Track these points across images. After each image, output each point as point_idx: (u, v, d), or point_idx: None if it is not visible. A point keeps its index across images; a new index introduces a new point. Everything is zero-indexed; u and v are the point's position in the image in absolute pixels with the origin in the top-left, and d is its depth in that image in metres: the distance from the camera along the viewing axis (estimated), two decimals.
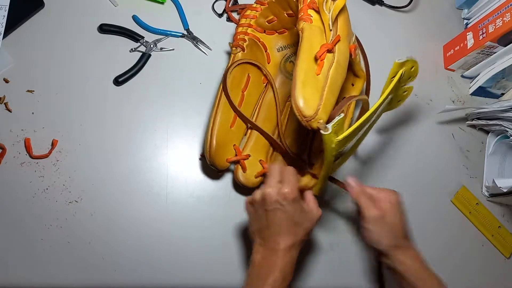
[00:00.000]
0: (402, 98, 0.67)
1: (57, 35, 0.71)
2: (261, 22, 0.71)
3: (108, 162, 0.67)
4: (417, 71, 0.61)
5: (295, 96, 0.50)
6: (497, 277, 0.78)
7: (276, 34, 0.74)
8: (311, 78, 0.53)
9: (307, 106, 0.50)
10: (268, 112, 0.71)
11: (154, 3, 0.76)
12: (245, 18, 0.70)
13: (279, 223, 0.53)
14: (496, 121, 0.79)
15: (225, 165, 0.64)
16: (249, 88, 0.70)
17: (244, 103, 0.69)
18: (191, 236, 0.66)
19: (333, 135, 0.49)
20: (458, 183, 0.80)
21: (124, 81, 0.70)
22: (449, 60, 0.86)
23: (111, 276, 0.63)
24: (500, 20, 0.75)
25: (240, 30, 0.70)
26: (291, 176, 0.56)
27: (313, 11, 0.59)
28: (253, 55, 0.71)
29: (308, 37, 0.56)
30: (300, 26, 0.58)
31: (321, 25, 0.58)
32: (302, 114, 0.50)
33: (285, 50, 0.74)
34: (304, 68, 0.53)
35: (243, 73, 0.69)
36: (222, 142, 0.64)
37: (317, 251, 0.70)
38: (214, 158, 0.62)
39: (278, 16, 0.70)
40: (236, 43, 0.69)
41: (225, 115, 0.65)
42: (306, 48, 0.55)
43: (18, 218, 0.62)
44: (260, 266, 0.54)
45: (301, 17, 0.58)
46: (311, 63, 0.54)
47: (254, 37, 0.70)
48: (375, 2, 0.88)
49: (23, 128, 0.66)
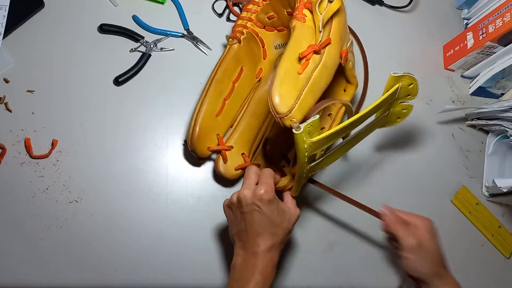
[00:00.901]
0: (402, 116, 0.66)
1: (57, 35, 0.71)
2: (262, 18, 0.71)
3: (108, 162, 0.67)
4: (417, 89, 0.60)
5: (272, 92, 0.51)
6: (497, 277, 0.78)
7: (276, 31, 0.74)
8: (292, 77, 0.53)
9: (282, 103, 0.50)
10: (257, 108, 0.71)
11: (154, 3, 0.76)
12: (247, 11, 0.70)
13: (257, 224, 0.53)
14: (496, 121, 0.79)
15: (206, 153, 0.64)
16: (241, 81, 0.70)
17: (233, 95, 0.69)
18: (191, 236, 0.66)
19: (305, 135, 0.49)
20: (458, 183, 0.80)
21: (124, 81, 0.70)
22: (449, 60, 0.86)
23: (111, 276, 0.63)
24: (500, 20, 0.75)
25: (240, 22, 0.70)
26: (267, 178, 0.55)
27: (308, 11, 0.59)
28: (249, 49, 0.71)
29: (297, 36, 0.56)
30: (292, 24, 0.58)
31: (313, 25, 0.58)
32: (276, 110, 0.50)
33: (282, 48, 0.74)
34: (286, 66, 0.53)
35: (237, 65, 0.69)
36: (206, 130, 0.64)
37: (317, 251, 0.70)
38: (195, 145, 0.63)
39: (279, 13, 0.70)
40: (233, 35, 0.69)
41: (212, 103, 0.65)
42: (293, 46, 0.55)
43: (18, 218, 0.62)
44: (240, 270, 0.54)
45: (295, 16, 0.58)
46: (295, 62, 0.54)
47: (252, 31, 0.70)
48: (375, 2, 0.88)
49: (23, 128, 0.66)
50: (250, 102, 0.71)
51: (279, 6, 0.69)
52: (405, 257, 0.56)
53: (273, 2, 0.69)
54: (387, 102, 0.59)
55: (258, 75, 0.73)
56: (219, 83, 0.66)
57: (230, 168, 0.65)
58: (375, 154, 0.78)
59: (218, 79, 0.66)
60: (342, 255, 0.71)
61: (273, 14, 0.71)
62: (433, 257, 0.57)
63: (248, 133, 0.69)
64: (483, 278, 0.77)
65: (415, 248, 0.56)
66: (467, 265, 0.77)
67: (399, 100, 0.61)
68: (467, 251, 0.78)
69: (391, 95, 0.58)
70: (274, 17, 0.71)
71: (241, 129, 0.69)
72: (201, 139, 0.63)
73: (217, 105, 0.66)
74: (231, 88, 0.69)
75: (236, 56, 0.68)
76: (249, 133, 0.69)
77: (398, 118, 0.67)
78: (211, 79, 0.66)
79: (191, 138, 0.62)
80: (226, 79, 0.67)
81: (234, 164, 0.66)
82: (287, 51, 0.55)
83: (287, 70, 0.53)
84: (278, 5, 0.69)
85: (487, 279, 0.77)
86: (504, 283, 0.78)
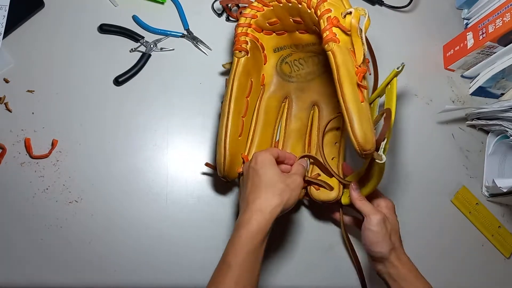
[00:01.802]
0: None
1: (57, 35, 0.71)
2: (262, 23, 0.68)
3: (108, 162, 0.67)
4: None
5: (356, 132, 0.52)
6: (497, 277, 0.78)
7: (274, 35, 0.72)
8: (361, 109, 0.53)
9: (367, 141, 0.52)
10: (266, 116, 0.70)
11: (154, 3, 0.76)
12: (245, 17, 0.67)
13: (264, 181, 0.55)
14: (496, 121, 0.79)
15: (236, 176, 0.64)
16: (251, 94, 0.68)
17: (248, 110, 0.67)
18: (191, 236, 0.66)
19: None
20: (458, 183, 0.80)
21: (124, 81, 0.70)
22: (449, 60, 0.86)
23: (111, 276, 0.63)
24: (500, 20, 0.75)
25: (240, 31, 0.67)
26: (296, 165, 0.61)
27: (338, 29, 0.57)
28: (254, 58, 0.68)
29: (344, 62, 0.55)
30: (329, 47, 0.56)
31: (348, 45, 0.57)
32: (363, 149, 0.52)
33: (282, 51, 0.73)
34: (353, 98, 0.53)
35: (247, 79, 0.67)
36: (233, 154, 0.62)
37: (317, 251, 0.70)
38: (228, 172, 0.61)
39: (283, 20, 0.67)
40: (238, 47, 0.66)
41: (234, 125, 0.63)
42: (347, 75, 0.54)
43: (18, 218, 0.62)
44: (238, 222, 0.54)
45: (327, 37, 0.57)
46: (355, 90, 0.54)
47: (253, 38, 0.68)
48: (375, 2, 0.88)
49: (23, 128, 0.66)
50: (259, 112, 0.69)
51: (285, 14, 0.66)
52: (370, 229, 0.58)
53: (277, 9, 0.66)
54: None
55: (262, 82, 0.71)
56: (237, 102, 0.64)
57: None
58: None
59: (236, 97, 0.63)
60: (342, 255, 0.71)
61: (276, 21, 0.68)
62: (395, 232, 0.60)
63: (264, 144, 0.68)
64: (483, 278, 0.77)
65: (380, 223, 0.58)
66: (467, 265, 0.77)
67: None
68: (467, 251, 0.78)
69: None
70: (277, 23, 0.68)
71: (257, 142, 0.67)
72: (231, 165, 0.62)
73: (239, 126, 0.64)
74: (246, 104, 0.66)
75: (245, 69, 0.66)
76: (265, 144, 0.68)
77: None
78: (229, 98, 0.63)
79: (224, 166, 0.61)
80: (241, 96, 0.65)
81: None
82: (344, 81, 0.54)
83: (356, 103, 0.53)
84: (284, 13, 0.66)
85: (487, 279, 0.77)
86: (504, 283, 0.78)
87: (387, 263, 0.58)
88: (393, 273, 0.58)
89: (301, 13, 0.64)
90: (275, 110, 0.71)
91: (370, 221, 0.58)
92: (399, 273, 0.58)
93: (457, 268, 0.76)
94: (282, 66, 0.72)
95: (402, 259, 0.59)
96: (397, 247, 0.59)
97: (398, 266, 0.58)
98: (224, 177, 0.63)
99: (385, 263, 0.59)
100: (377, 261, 0.60)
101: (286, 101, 0.73)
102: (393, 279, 0.58)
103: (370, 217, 0.58)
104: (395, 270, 0.58)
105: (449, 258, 0.76)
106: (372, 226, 0.58)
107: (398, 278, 0.58)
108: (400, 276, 0.58)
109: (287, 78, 0.72)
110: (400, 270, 0.58)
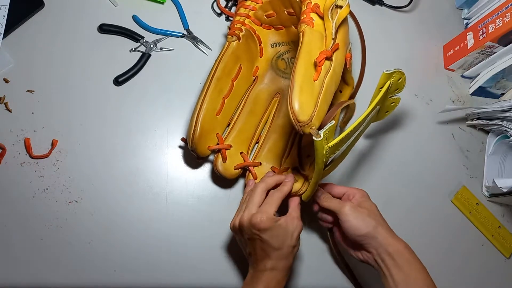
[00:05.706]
0: (390, 109, 0.67)
1: (57, 35, 0.71)
2: (260, 15, 0.71)
3: (108, 162, 0.67)
4: (405, 82, 0.62)
5: (292, 100, 0.51)
6: (497, 277, 0.78)
7: (273, 30, 0.73)
8: (308, 84, 0.53)
9: (302, 111, 0.51)
10: (254, 106, 0.71)
11: (154, 3, 0.76)
12: (244, 8, 0.70)
13: (260, 249, 0.56)
14: (496, 121, 0.79)
15: (206, 153, 0.64)
16: (239, 79, 0.70)
17: (232, 93, 0.68)
18: (191, 236, 0.66)
19: (324, 141, 0.50)
20: (458, 183, 0.80)
21: (124, 81, 0.70)
22: (449, 60, 0.86)
23: (111, 276, 0.63)
24: (500, 20, 0.75)
25: (238, 19, 0.69)
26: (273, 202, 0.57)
27: (316, 15, 0.59)
28: (247, 46, 0.70)
29: (309, 41, 0.56)
30: (301, 28, 0.58)
31: (322, 30, 0.58)
32: (297, 118, 0.51)
33: (279, 46, 0.74)
34: (303, 73, 0.53)
35: (236, 63, 0.69)
36: (206, 129, 0.63)
37: (317, 251, 0.70)
38: (196, 145, 0.62)
39: (278, 12, 0.70)
40: (232, 32, 0.68)
41: (212, 102, 0.64)
42: (306, 52, 0.55)
43: (18, 218, 0.62)
44: (247, 283, 0.57)
45: (303, 20, 0.58)
46: (310, 68, 0.54)
47: (250, 29, 0.70)
48: (375, 2, 0.88)
49: (23, 128, 0.66)
50: (247, 100, 0.71)
51: (280, 5, 0.69)
52: (345, 220, 0.57)
53: (273, 1, 0.69)
54: (382, 100, 0.60)
55: (255, 73, 0.73)
56: (219, 81, 0.66)
57: (229, 167, 0.65)
58: (375, 154, 0.78)
59: (218, 77, 0.65)
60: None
61: (272, 13, 0.70)
62: (373, 213, 0.58)
63: (246, 132, 0.69)
64: (483, 278, 0.77)
65: (352, 209, 0.57)
66: (467, 265, 0.77)
67: (388, 95, 0.62)
68: (467, 251, 0.78)
69: (386, 92, 0.59)
70: (273, 16, 0.71)
71: (239, 128, 0.69)
72: (201, 139, 0.63)
73: (217, 104, 0.66)
74: (230, 86, 0.68)
75: (235, 53, 0.68)
76: (247, 132, 0.69)
77: (386, 111, 0.67)
78: (211, 77, 0.65)
79: (192, 137, 0.62)
80: (225, 77, 0.67)
81: (233, 163, 0.66)
82: (300, 57, 0.55)
83: (303, 77, 0.53)
84: (279, 4, 0.69)
85: (487, 279, 0.77)
86: (504, 283, 0.78)
87: (377, 242, 0.56)
88: (387, 248, 0.55)
89: (292, 3, 0.66)
90: (264, 102, 0.72)
91: (343, 212, 0.57)
92: (394, 249, 0.55)
93: (457, 268, 0.76)
94: (278, 62, 0.73)
95: (392, 234, 0.57)
96: (381, 223, 0.57)
97: (388, 238, 0.56)
98: (193, 151, 0.63)
99: (376, 242, 0.56)
100: (367, 246, 0.57)
101: (278, 97, 0.73)
102: (388, 254, 0.55)
103: (341, 210, 0.57)
104: (387, 241, 0.55)
105: (449, 258, 0.76)
106: (347, 215, 0.57)
107: (393, 251, 0.55)
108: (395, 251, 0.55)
109: (282, 74, 0.74)
110: (391, 241, 0.56)
